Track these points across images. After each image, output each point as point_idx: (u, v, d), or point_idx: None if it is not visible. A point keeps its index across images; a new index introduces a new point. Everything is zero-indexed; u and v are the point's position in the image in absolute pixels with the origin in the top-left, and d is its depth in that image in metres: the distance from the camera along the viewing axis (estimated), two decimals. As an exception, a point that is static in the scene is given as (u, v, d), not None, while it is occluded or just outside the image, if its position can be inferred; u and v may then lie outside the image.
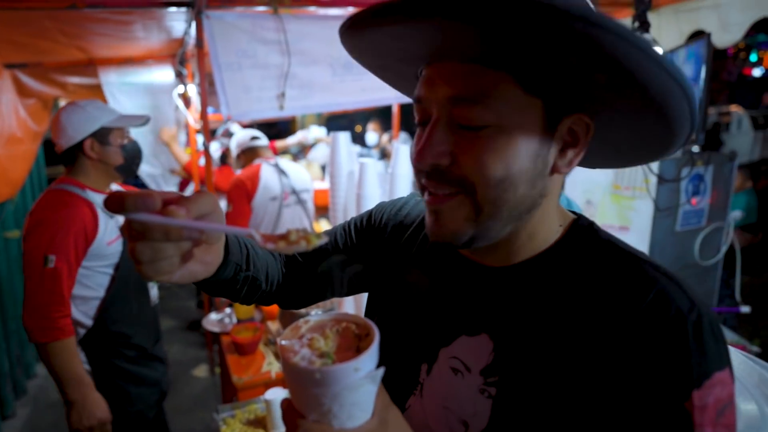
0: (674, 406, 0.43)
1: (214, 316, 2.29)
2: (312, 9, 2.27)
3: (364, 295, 0.82)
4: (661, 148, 0.55)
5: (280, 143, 4.73)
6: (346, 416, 0.45)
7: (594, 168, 0.65)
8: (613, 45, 0.41)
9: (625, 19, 2.75)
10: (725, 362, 0.46)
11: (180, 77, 3.17)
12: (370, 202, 1.96)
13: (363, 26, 0.50)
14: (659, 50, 2.23)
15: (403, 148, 1.98)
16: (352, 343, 0.49)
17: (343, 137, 2.18)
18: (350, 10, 2.40)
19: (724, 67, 10.92)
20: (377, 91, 2.49)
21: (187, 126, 3.55)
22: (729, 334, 2.60)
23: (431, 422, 0.59)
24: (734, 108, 7.51)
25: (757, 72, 13.09)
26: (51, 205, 1.52)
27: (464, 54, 0.48)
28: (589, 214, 2.64)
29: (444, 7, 0.41)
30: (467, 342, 0.58)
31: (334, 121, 6.21)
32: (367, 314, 0.77)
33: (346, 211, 2.18)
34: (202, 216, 0.46)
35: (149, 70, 3.36)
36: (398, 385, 0.62)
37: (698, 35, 2.54)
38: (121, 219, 1.67)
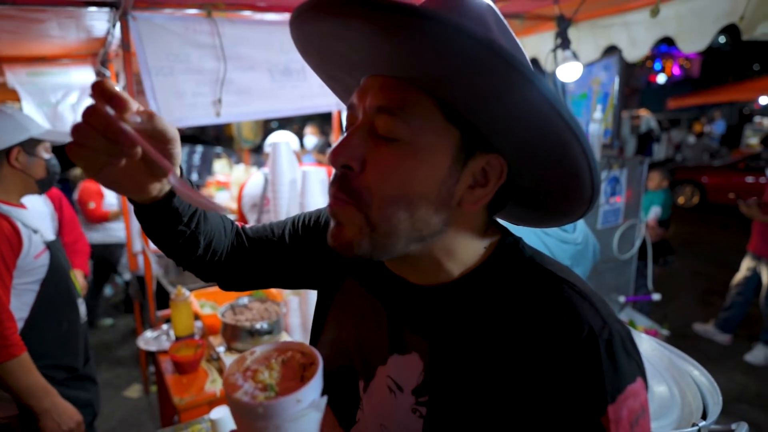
0: (591, 422, 0.46)
1: (149, 333, 2.16)
2: (248, 14, 2.21)
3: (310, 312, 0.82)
4: (566, 213, 0.57)
5: None
6: None
7: (517, 224, 0.66)
8: (517, 83, 0.43)
9: (547, 33, 2.96)
10: (636, 373, 0.49)
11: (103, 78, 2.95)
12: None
13: (303, 21, 0.50)
14: (574, 67, 2.39)
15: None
16: (296, 373, 0.50)
17: (284, 145, 2.15)
18: (287, 16, 2.37)
19: (632, 74, 12.04)
20: (317, 98, 2.48)
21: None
22: (643, 320, 2.88)
23: None
24: (643, 112, 8.33)
25: (661, 79, 14.55)
26: None
27: (398, 70, 0.49)
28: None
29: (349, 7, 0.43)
30: (399, 361, 0.58)
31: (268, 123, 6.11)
32: (314, 326, 0.76)
33: (289, 219, 2.15)
34: (157, 139, 0.49)
35: (66, 71, 3.09)
36: (346, 399, 0.64)
37: (612, 50, 2.79)
38: (46, 234, 1.56)
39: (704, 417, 1.12)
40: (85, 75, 3.17)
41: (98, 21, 2.18)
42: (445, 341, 0.55)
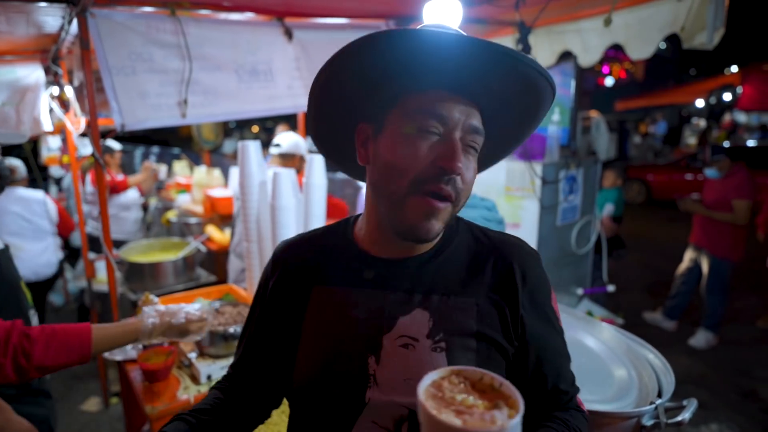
0: (549, 306, 0.76)
1: (113, 342, 2.08)
2: (212, 12, 2.17)
3: None
4: (533, 118, 0.76)
5: (132, 179, 4.09)
6: None
7: (491, 163, 0.86)
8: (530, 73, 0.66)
9: (507, 37, 3.08)
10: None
11: (55, 77, 2.80)
12: (286, 212, 1.95)
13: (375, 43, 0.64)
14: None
15: (317, 159, 1.99)
16: (490, 395, 0.50)
17: (253, 146, 2.13)
18: (250, 16, 2.34)
19: (582, 77, 12.63)
20: (283, 99, 2.47)
21: (64, 131, 3.14)
22: (599, 310, 3.05)
23: (397, 399, 0.66)
24: (593, 113, 8.79)
25: (609, 82, 15.32)
26: None
27: (459, 90, 0.67)
28: (486, 213, 2.90)
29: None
30: (407, 320, 0.70)
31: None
32: (303, 336, 0.78)
33: (260, 222, 2.12)
34: None
35: (11, 69, 2.90)
36: (352, 385, 0.68)
37: (567, 55, 2.94)
38: None
39: (659, 395, 1.23)
40: (33, 73, 2.99)
41: (52, 17, 2.08)
42: (440, 290, 0.72)
